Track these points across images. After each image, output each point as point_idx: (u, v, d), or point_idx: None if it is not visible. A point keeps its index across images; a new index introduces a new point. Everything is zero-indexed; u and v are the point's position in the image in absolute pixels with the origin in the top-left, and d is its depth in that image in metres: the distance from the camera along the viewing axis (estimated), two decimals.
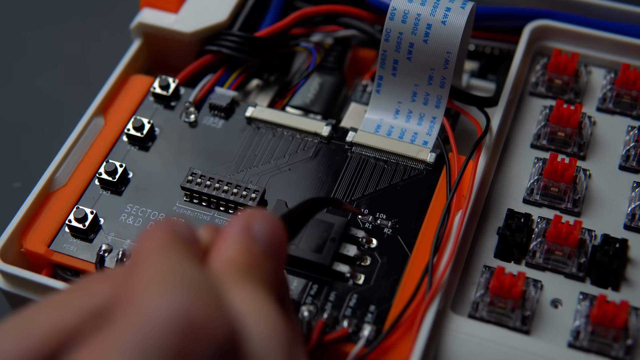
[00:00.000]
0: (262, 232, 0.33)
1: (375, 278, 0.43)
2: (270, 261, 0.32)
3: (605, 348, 0.41)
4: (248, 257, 0.32)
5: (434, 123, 0.49)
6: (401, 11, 0.47)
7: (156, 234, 0.31)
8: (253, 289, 0.31)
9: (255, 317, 0.30)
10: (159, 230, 0.31)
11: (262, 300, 0.31)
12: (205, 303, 0.28)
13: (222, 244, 0.32)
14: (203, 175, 0.47)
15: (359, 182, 0.47)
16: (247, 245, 0.32)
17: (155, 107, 0.52)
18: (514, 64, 0.52)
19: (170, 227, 0.31)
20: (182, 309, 0.27)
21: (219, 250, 0.32)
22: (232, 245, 0.32)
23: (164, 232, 0.31)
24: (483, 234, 0.46)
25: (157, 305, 0.27)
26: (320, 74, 0.55)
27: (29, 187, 0.47)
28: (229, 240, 0.32)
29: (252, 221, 0.33)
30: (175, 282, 0.28)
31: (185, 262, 0.30)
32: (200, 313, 0.27)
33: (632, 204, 0.46)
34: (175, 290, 0.28)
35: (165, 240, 0.30)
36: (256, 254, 0.32)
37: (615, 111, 0.51)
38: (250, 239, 0.32)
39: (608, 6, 0.54)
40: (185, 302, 0.27)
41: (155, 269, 0.29)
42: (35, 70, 0.67)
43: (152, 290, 0.28)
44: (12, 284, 0.45)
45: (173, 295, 0.28)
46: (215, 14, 0.54)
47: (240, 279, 0.31)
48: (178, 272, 0.29)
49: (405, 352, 0.40)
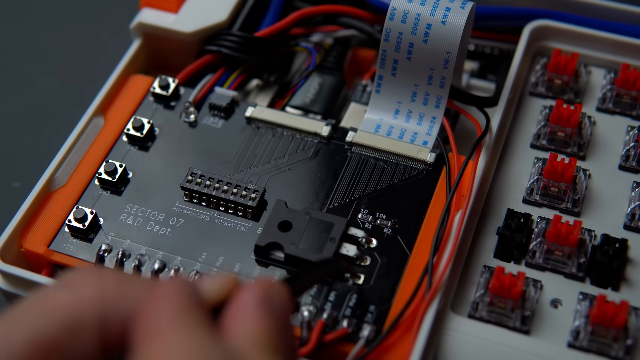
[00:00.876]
0: (279, 305, 0.32)
1: (375, 278, 0.43)
2: (285, 333, 0.32)
3: (605, 348, 0.41)
4: (269, 331, 0.31)
5: (433, 123, 0.49)
6: (401, 11, 0.47)
7: (167, 298, 0.30)
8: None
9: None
10: (170, 294, 0.30)
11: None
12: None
13: (240, 315, 0.31)
14: (203, 175, 0.47)
15: (358, 182, 0.47)
16: (268, 320, 0.31)
17: (155, 107, 0.52)
18: (514, 64, 0.52)
19: (181, 290, 0.30)
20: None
21: (238, 322, 0.31)
22: (253, 320, 0.31)
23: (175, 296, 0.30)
24: (483, 234, 0.46)
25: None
26: (320, 74, 0.55)
27: (29, 187, 0.47)
28: (248, 314, 0.31)
29: (269, 294, 0.32)
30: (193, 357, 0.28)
31: (200, 334, 0.29)
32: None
33: (632, 204, 0.46)
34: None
35: (177, 307, 0.29)
36: (276, 329, 0.31)
37: (615, 111, 0.51)
38: (271, 313, 0.31)
39: (608, 6, 0.54)
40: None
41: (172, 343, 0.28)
42: (35, 70, 0.67)
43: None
44: (11, 284, 0.45)
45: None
46: (215, 14, 0.54)
47: (259, 353, 0.30)
48: (195, 346, 0.28)
49: (405, 352, 0.40)
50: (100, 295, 0.29)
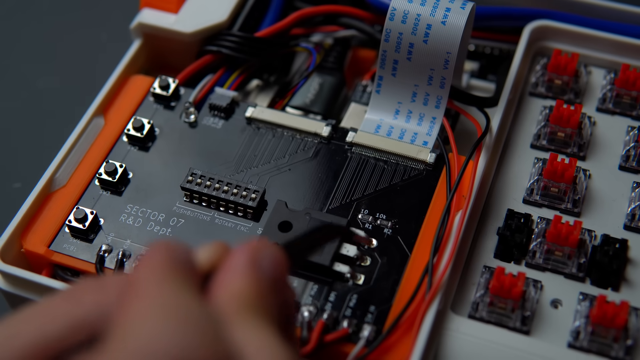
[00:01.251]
0: (270, 266, 0.31)
1: (375, 278, 0.43)
2: (275, 295, 0.31)
3: (605, 348, 0.41)
4: (256, 292, 0.30)
5: (433, 123, 0.49)
6: (401, 11, 0.47)
7: (154, 259, 0.30)
8: (257, 324, 0.30)
9: (257, 352, 0.29)
10: (157, 255, 0.30)
11: (266, 335, 0.30)
12: (201, 339, 0.27)
13: (227, 275, 0.31)
14: (203, 175, 0.47)
15: (358, 182, 0.47)
16: (255, 280, 0.31)
17: (155, 108, 0.52)
18: (514, 64, 0.52)
19: (168, 252, 0.30)
20: (176, 346, 0.26)
21: (225, 282, 0.31)
22: (239, 278, 0.31)
23: (162, 258, 0.30)
24: (483, 234, 0.46)
25: (150, 342, 0.26)
26: (320, 74, 0.55)
27: (29, 188, 0.47)
28: (235, 273, 0.31)
29: (259, 254, 0.32)
30: (170, 317, 0.27)
31: (182, 294, 0.29)
32: (194, 349, 0.27)
33: (632, 204, 0.46)
34: (170, 325, 0.27)
35: (162, 268, 0.29)
36: (264, 289, 0.31)
37: (615, 111, 0.51)
38: (259, 273, 0.31)
39: (608, 6, 0.54)
40: (179, 338, 0.27)
41: (151, 301, 0.28)
42: (35, 71, 0.67)
43: (146, 324, 0.27)
44: (12, 284, 0.45)
45: (168, 331, 0.27)
46: (215, 14, 0.54)
47: (245, 313, 0.30)
48: (174, 305, 0.28)
49: (405, 352, 0.40)
50: (101, 298, 0.29)
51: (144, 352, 0.26)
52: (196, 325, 0.28)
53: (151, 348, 0.26)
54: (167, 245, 0.30)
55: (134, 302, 0.28)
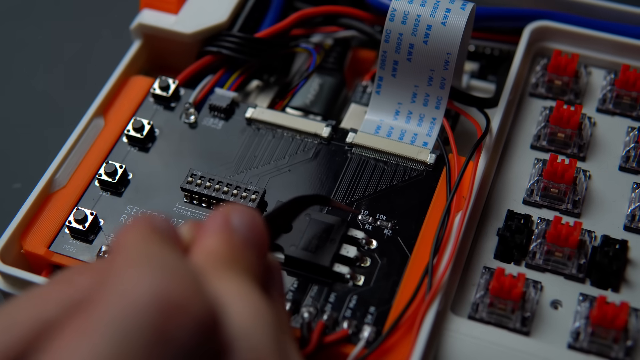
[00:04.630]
0: (241, 224, 0.33)
1: (375, 279, 0.43)
2: (251, 252, 0.33)
3: (605, 349, 0.41)
4: (228, 248, 0.32)
5: (434, 124, 0.49)
6: (401, 12, 0.47)
7: (135, 227, 0.31)
8: (234, 277, 0.31)
9: (237, 300, 0.30)
10: (139, 224, 0.31)
11: (244, 287, 0.31)
12: (184, 283, 0.28)
13: (202, 237, 0.33)
14: (203, 176, 0.47)
15: (359, 183, 0.47)
16: (227, 237, 0.33)
17: (155, 108, 0.52)
18: (514, 65, 0.52)
19: (149, 221, 0.31)
20: (160, 289, 0.27)
21: (199, 243, 0.33)
22: (212, 238, 0.33)
23: (143, 225, 0.31)
24: (483, 235, 0.46)
25: (135, 286, 0.27)
26: (320, 75, 0.55)
27: (29, 188, 0.47)
28: (208, 233, 0.33)
29: (230, 214, 0.34)
30: (153, 264, 0.28)
31: (164, 250, 0.30)
32: (178, 292, 0.28)
33: (632, 205, 0.46)
34: (154, 271, 0.28)
35: (144, 233, 0.30)
36: (236, 245, 0.33)
37: (615, 112, 0.51)
38: (230, 230, 0.33)
39: (608, 7, 0.54)
40: (163, 282, 0.28)
41: (134, 254, 0.29)
42: (35, 71, 0.67)
43: (129, 272, 0.28)
44: (12, 285, 0.45)
45: (151, 276, 0.28)
46: (215, 14, 0.54)
47: (221, 269, 0.31)
48: (155, 255, 0.29)
49: (405, 353, 0.40)
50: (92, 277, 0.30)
51: (129, 296, 0.27)
52: (178, 272, 0.29)
53: (136, 291, 0.27)
54: (148, 215, 0.32)
55: (118, 258, 0.29)
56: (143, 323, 0.26)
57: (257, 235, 0.34)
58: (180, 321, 0.27)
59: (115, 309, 0.27)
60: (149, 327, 0.26)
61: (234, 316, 0.29)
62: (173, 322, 0.27)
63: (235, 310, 0.29)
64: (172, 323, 0.27)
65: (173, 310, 0.27)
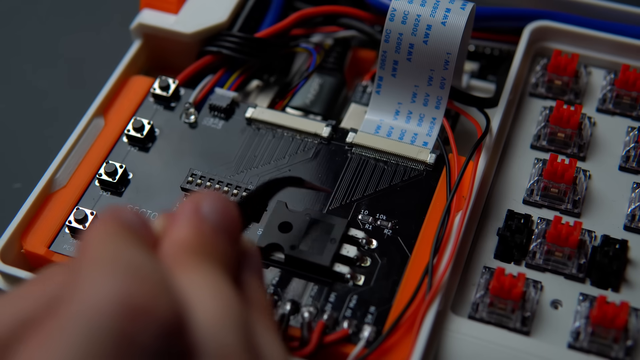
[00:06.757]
0: (212, 211, 0.33)
1: (375, 279, 0.43)
2: (221, 239, 0.32)
3: (605, 349, 0.41)
4: (198, 236, 0.32)
5: (434, 124, 0.49)
6: (401, 12, 0.47)
7: (103, 224, 0.31)
8: (203, 268, 0.31)
9: (204, 295, 0.30)
10: (107, 220, 0.31)
11: (212, 278, 0.31)
12: (147, 285, 0.28)
13: (172, 227, 0.32)
14: (203, 176, 0.47)
15: (359, 183, 0.47)
16: (197, 225, 0.32)
17: (155, 108, 0.52)
18: (514, 65, 0.52)
19: (117, 215, 0.31)
20: (122, 292, 0.27)
21: (169, 233, 0.32)
22: (182, 227, 0.32)
23: (111, 222, 0.31)
24: (483, 234, 0.46)
25: (97, 290, 0.27)
26: (320, 75, 0.55)
27: (29, 188, 0.47)
28: (178, 223, 0.32)
29: (200, 202, 0.33)
30: (116, 266, 0.28)
31: (129, 248, 0.30)
32: (142, 295, 0.27)
33: (632, 204, 0.46)
34: (116, 274, 0.28)
35: (111, 230, 0.30)
36: (206, 233, 0.32)
37: (615, 112, 0.51)
38: (200, 218, 0.32)
39: (608, 7, 0.54)
40: (125, 285, 0.27)
41: (100, 254, 0.29)
42: (35, 71, 0.67)
43: (93, 275, 0.28)
44: (12, 285, 0.45)
45: (113, 279, 0.28)
46: (215, 14, 0.54)
47: (190, 259, 0.31)
48: (120, 256, 0.29)
49: (405, 353, 0.40)
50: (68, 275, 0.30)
51: (92, 300, 0.27)
52: (142, 273, 0.28)
53: (99, 296, 0.27)
54: (115, 207, 0.32)
55: (82, 262, 0.29)
56: (106, 328, 0.26)
57: (229, 221, 0.33)
58: (144, 325, 0.27)
59: (77, 315, 0.27)
60: (112, 332, 0.26)
61: (200, 314, 0.29)
62: (137, 326, 0.27)
63: (202, 308, 0.29)
64: (135, 327, 0.27)
65: (137, 314, 0.27)
